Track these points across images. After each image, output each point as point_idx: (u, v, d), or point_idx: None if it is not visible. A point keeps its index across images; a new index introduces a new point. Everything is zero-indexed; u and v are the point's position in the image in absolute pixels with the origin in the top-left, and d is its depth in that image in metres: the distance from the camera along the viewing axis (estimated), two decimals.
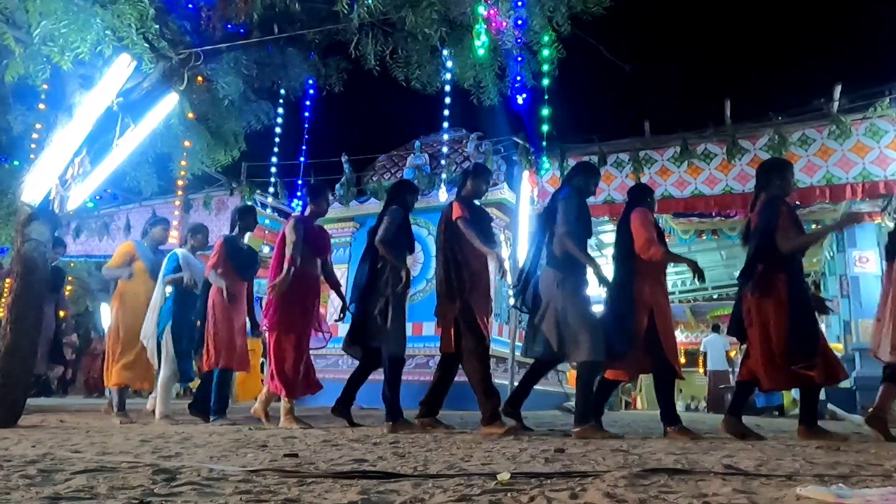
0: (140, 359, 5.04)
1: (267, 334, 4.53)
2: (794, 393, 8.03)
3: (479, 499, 1.48)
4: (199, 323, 4.96)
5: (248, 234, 5.52)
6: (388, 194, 4.61)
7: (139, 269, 5.18)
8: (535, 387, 4.42)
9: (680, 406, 12.72)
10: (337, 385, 4.98)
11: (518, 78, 5.48)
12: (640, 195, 4.34)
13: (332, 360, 8.89)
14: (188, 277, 4.97)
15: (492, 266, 4.12)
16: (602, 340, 3.70)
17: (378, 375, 4.57)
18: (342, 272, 9.90)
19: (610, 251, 11.49)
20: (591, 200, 7.63)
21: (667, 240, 11.13)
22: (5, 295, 4.84)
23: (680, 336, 18.82)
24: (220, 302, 4.77)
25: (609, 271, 4.17)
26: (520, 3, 4.96)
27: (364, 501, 1.44)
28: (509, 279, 5.72)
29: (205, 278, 4.92)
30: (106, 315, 6.63)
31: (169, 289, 5.08)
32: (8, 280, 4.97)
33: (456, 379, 4.39)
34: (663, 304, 3.98)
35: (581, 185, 4.18)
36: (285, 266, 4.30)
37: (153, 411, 5.13)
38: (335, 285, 4.89)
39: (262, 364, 8.59)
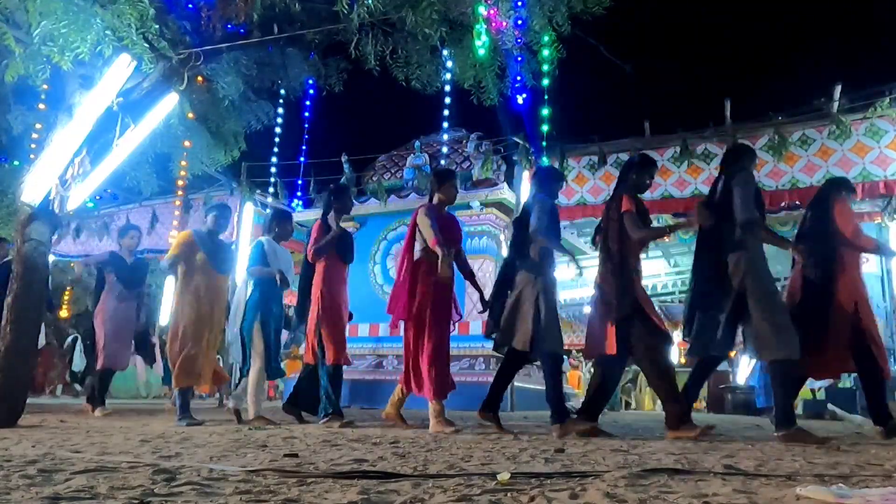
0: (205, 358, 4.81)
1: (404, 330, 4.26)
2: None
3: (479, 499, 1.48)
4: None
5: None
6: (534, 181, 4.42)
7: (201, 261, 4.87)
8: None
9: None
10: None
11: (518, 78, 5.48)
12: (838, 186, 4.16)
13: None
14: (278, 275, 4.81)
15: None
16: (795, 337, 3.49)
17: (380, 375, 4.59)
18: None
19: None
20: (591, 200, 7.69)
21: (666, 240, 11.13)
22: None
23: (679, 336, 18.79)
24: (327, 293, 4.54)
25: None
26: (520, 3, 4.96)
27: (364, 501, 1.44)
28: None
29: (302, 269, 4.72)
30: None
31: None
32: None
33: (464, 380, 4.40)
34: (867, 296, 3.84)
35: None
36: (438, 251, 4.02)
37: (235, 409, 4.87)
38: (470, 275, 4.59)
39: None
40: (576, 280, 14.00)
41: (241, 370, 4.98)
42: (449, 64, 5.71)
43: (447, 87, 6.54)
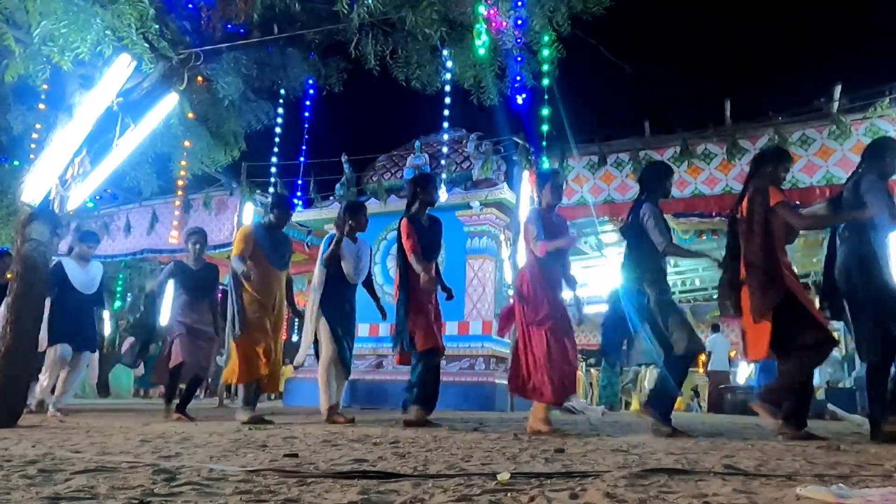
0: (269, 355, 4.77)
1: (518, 331, 4.18)
2: None
3: (479, 499, 1.48)
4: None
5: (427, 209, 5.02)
6: (642, 179, 4.36)
7: (258, 256, 4.84)
8: None
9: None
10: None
11: (518, 78, 5.48)
12: None
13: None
14: (349, 271, 4.80)
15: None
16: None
17: (380, 375, 4.59)
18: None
19: (609, 251, 11.50)
20: (591, 200, 7.70)
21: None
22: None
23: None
24: (416, 285, 4.47)
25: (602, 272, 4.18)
26: (520, 3, 4.96)
27: (364, 501, 1.44)
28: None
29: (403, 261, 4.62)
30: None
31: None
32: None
33: (451, 380, 4.41)
34: None
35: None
36: (553, 245, 4.04)
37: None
38: (570, 281, 4.44)
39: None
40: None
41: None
42: (449, 64, 5.71)
43: (447, 87, 6.54)
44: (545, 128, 6.90)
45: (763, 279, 3.64)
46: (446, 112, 7.95)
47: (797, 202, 7.11)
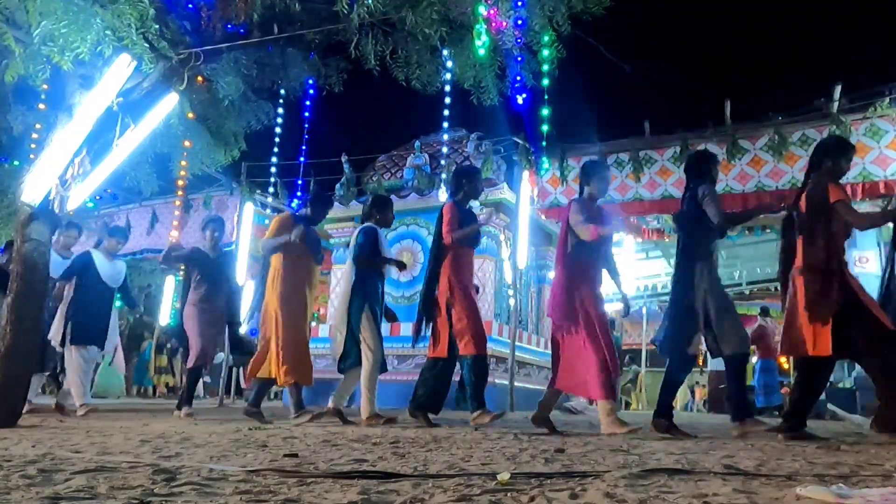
0: (305, 352, 4.66)
1: (559, 331, 4.07)
2: None
3: (479, 499, 1.48)
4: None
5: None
6: (688, 165, 4.20)
7: (300, 247, 4.65)
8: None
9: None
10: (333, 385, 4.95)
11: (518, 78, 5.48)
12: None
13: (332, 360, 8.88)
14: (396, 269, 4.67)
15: None
16: None
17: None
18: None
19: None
20: None
21: (666, 240, 11.09)
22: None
23: None
24: (459, 283, 4.27)
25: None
26: (520, 3, 4.96)
27: (364, 501, 1.44)
28: None
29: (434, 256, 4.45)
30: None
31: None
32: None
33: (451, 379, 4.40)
34: None
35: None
36: (606, 230, 3.97)
37: (335, 409, 4.58)
38: (615, 273, 4.31)
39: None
40: None
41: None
42: (449, 64, 5.71)
43: (447, 87, 6.54)
44: (545, 128, 6.90)
45: (824, 279, 3.56)
46: (446, 112, 7.95)
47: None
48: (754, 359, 10.94)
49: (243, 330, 5.92)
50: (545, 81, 5.86)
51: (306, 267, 4.77)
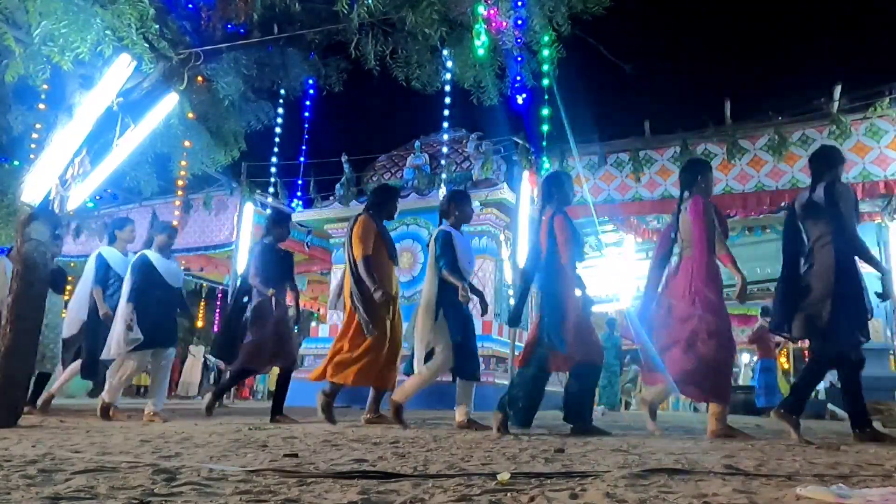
0: (388, 353, 4.53)
1: (689, 327, 3.87)
2: None
3: (479, 499, 1.48)
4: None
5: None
6: (816, 163, 3.94)
7: (380, 249, 4.55)
8: None
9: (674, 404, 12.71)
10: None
11: (518, 78, 5.48)
12: None
13: None
14: (464, 266, 4.37)
15: None
16: None
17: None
18: (342, 272, 9.89)
19: (609, 251, 11.49)
20: (591, 200, 7.70)
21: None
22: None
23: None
24: (572, 294, 3.98)
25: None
26: (520, 3, 4.96)
27: (364, 501, 1.44)
28: None
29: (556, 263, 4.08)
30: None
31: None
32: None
33: (451, 379, 4.37)
34: None
35: None
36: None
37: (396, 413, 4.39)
38: (734, 263, 4.11)
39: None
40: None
41: None
42: (449, 64, 5.71)
43: (447, 87, 6.54)
44: (545, 128, 6.90)
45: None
46: (446, 112, 7.96)
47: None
48: (755, 358, 10.96)
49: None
50: (545, 81, 5.86)
51: (387, 269, 4.67)
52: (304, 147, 9.11)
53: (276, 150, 8.93)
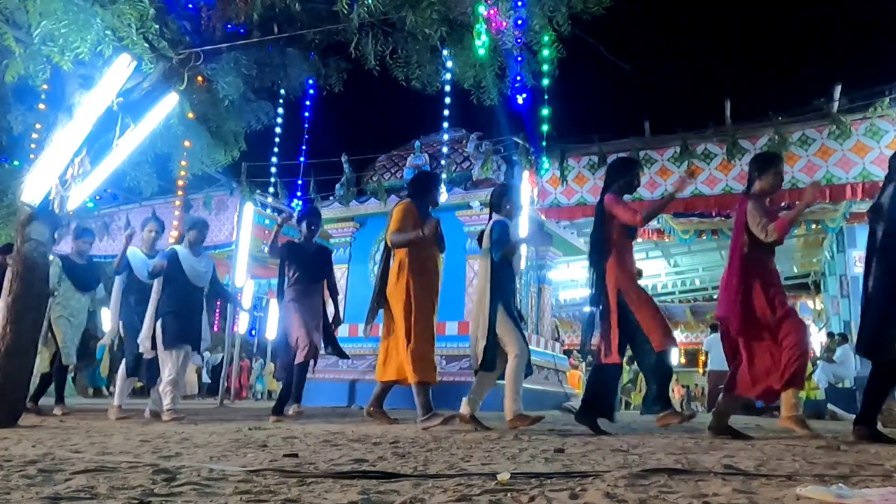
0: (433, 349, 4.32)
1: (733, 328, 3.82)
2: None
3: (479, 499, 1.48)
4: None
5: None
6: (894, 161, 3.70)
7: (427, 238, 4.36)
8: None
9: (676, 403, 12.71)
10: (333, 385, 4.93)
11: (518, 78, 5.48)
12: None
13: (331, 361, 8.89)
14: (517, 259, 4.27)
15: None
16: None
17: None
18: (342, 272, 9.91)
19: None
20: (591, 200, 7.70)
21: (666, 240, 11.06)
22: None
23: (680, 336, 18.88)
24: (630, 278, 3.89)
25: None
26: (520, 3, 4.96)
27: (364, 501, 1.44)
28: None
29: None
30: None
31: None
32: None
33: (451, 379, 4.37)
34: None
35: None
36: (776, 233, 3.68)
37: (468, 415, 4.20)
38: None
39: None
40: (576, 280, 14.04)
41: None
42: (449, 64, 5.71)
43: (447, 87, 6.54)
44: (545, 128, 6.90)
45: None
46: (446, 112, 7.94)
47: (797, 202, 7.11)
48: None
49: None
50: (545, 81, 5.86)
51: (434, 259, 4.53)
52: (304, 147, 9.10)
53: (276, 150, 8.92)
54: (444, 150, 9.34)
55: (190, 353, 5.16)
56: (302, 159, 9.21)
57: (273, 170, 9.49)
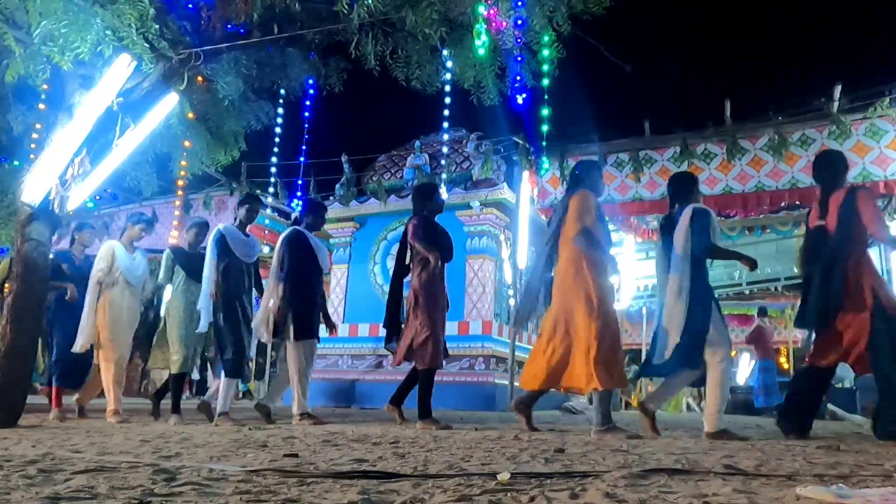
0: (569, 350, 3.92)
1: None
2: None
3: (479, 499, 1.48)
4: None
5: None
6: None
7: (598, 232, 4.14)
8: None
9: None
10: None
11: (518, 78, 5.48)
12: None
13: (331, 361, 8.89)
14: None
15: None
16: None
17: (380, 375, 4.58)
18: (342, 272, 9.91)
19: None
20: None
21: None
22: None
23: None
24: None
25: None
26: (520, 3, 4.96)
27: (364, 501, 1.44)
28: None
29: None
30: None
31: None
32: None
33: (451, 379, 4.38)
34: None
35: None
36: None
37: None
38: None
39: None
40: None
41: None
42: (449, 64, 5.71)
43: (447, 87, 6.54)
44: (545, 128, 6.89)
45: None
46: (446, 112, 7.94)
47: (797, 202, 7.12)
48: (753, 359, 10.95)
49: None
50: (545, 81, 5.85)
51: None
52: (303, 147, 9.09)
53: (276, 150, 8.92)
54: (444, 150, 9.34)
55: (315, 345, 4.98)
56: (302, 159, 9.21)
57: (273, 170, 9.49)
